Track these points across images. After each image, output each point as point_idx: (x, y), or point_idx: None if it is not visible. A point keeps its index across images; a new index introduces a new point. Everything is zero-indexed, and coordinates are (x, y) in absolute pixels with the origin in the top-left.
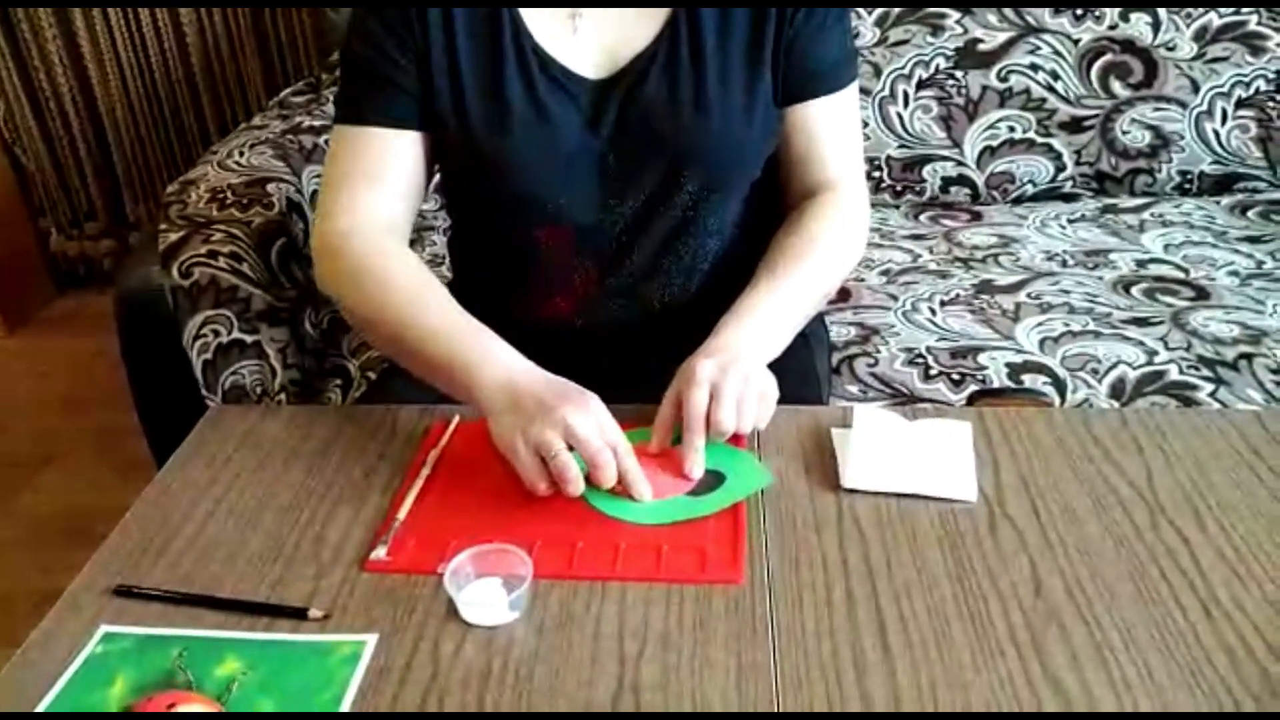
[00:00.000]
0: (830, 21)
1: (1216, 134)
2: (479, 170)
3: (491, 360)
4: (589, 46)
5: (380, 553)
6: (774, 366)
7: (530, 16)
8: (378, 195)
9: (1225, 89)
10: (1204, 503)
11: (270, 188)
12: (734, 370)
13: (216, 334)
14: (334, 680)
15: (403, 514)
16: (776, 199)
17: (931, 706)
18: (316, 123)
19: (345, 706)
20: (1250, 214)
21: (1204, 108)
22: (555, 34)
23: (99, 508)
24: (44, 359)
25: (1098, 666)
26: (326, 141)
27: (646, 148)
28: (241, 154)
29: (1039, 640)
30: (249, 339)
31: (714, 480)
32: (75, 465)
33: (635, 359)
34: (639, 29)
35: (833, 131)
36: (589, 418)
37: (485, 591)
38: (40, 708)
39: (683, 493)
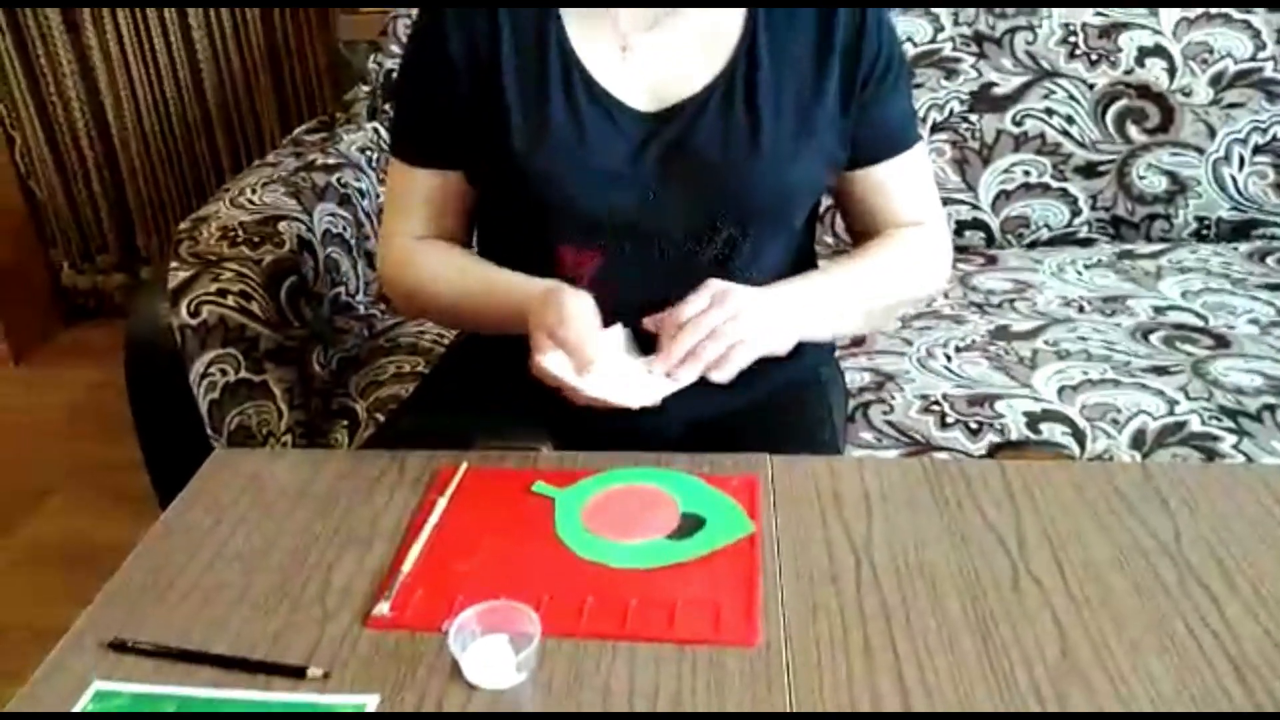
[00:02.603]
0: (899, 83)
1: (1234, 180)
2: (511, 177)
3: (526, 292)
4: (638, 78)
5: (383, 608)
6: (789, 416)
7: (579, 43)
8: (429, 223)
9: (1242, 135)
10: (1233, 560)
11: (281, 226)
12: (730, 302)
13: (224, 373)
14: None
15: (407, 566)
16: (810, 256)
17: None
18: (330, 160)
19: None
20: (1269, 261)
21: (1221, 154)
22: (604, 62)
23: (100, 539)
24: (50, 389)
25: None
26: (339, 180)
27: (689, 187)
28: (254, 191)
29: (1065, 701)
30: (256, 379)
31: (693, 525)
32: (77, 496)
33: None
34: (693, 68)
35: (909, 185)
36: (545, 322)
37: (491, 651)
38: None
39: (662, 536)
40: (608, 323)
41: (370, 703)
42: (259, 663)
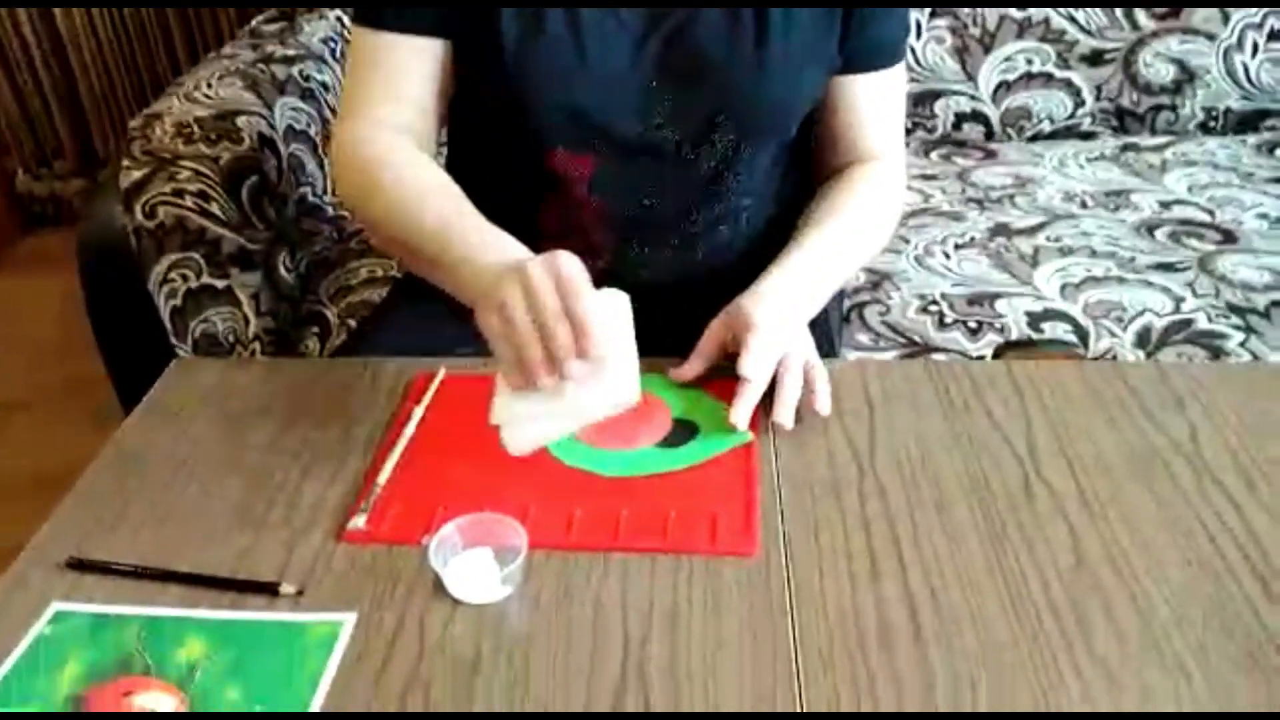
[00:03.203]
0: None
1: (1245, 68)
2: (500, 76)
3: (485, 253)
4: None
5: (359, 522)
6: None
7: None
8: (394, 107)
9: (1257, 20)
10: (1250, 459)
11: (240, 121)
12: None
13: (184, 279)
14: (308, 664)
15: (383, 478)
16: (805, 163)
17: (969, 691)
18: (290, 52)
19: (321, 693)
20: (1279, 153)
21: (1233, 40)
22: None
23: (66, 456)
24: (9, 301)
25: (1148, 647)
26: (300, 73)
27: (690, 86)
28: (209, 85)
29: (1083, 617)
30: (219, 284)
31: (687, 431)
32: (44, 413)
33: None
34: None
35: (883, 107)
36: (541, 280)
37: (475, 564)
38: None
39: (653, 443)
40: (600, 250)
41: (348, 620)
42: (228, 580)
